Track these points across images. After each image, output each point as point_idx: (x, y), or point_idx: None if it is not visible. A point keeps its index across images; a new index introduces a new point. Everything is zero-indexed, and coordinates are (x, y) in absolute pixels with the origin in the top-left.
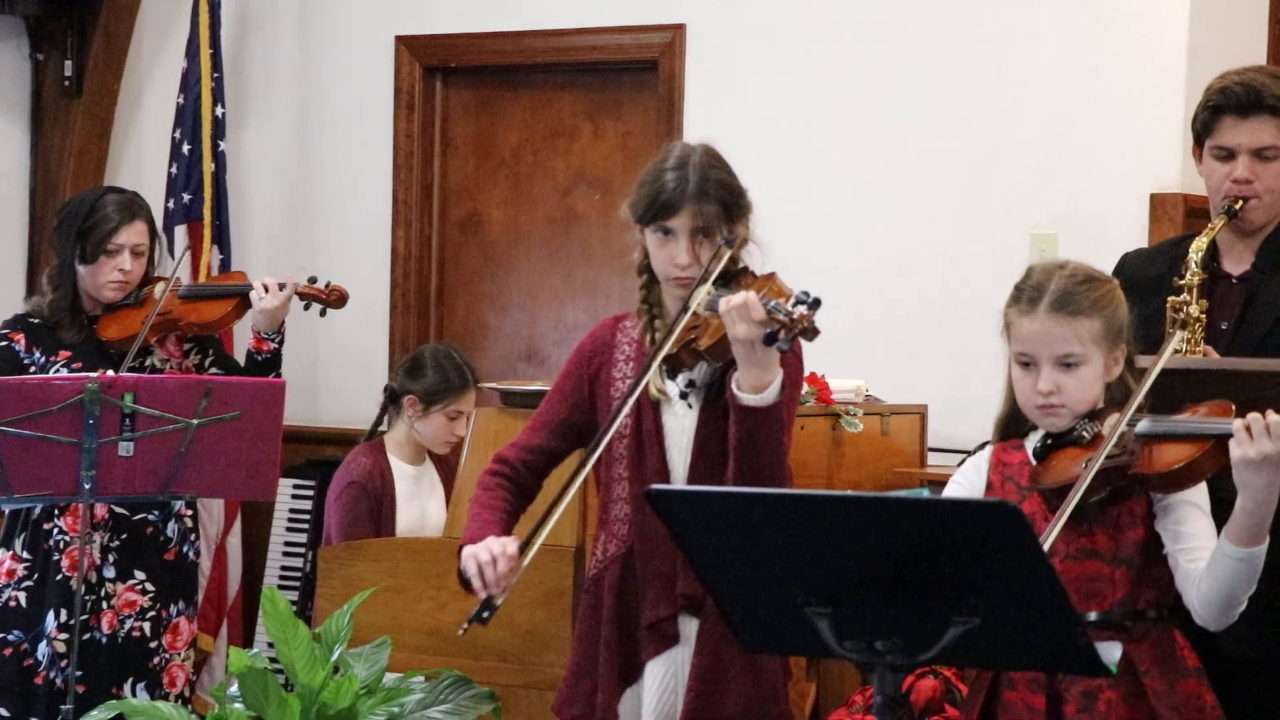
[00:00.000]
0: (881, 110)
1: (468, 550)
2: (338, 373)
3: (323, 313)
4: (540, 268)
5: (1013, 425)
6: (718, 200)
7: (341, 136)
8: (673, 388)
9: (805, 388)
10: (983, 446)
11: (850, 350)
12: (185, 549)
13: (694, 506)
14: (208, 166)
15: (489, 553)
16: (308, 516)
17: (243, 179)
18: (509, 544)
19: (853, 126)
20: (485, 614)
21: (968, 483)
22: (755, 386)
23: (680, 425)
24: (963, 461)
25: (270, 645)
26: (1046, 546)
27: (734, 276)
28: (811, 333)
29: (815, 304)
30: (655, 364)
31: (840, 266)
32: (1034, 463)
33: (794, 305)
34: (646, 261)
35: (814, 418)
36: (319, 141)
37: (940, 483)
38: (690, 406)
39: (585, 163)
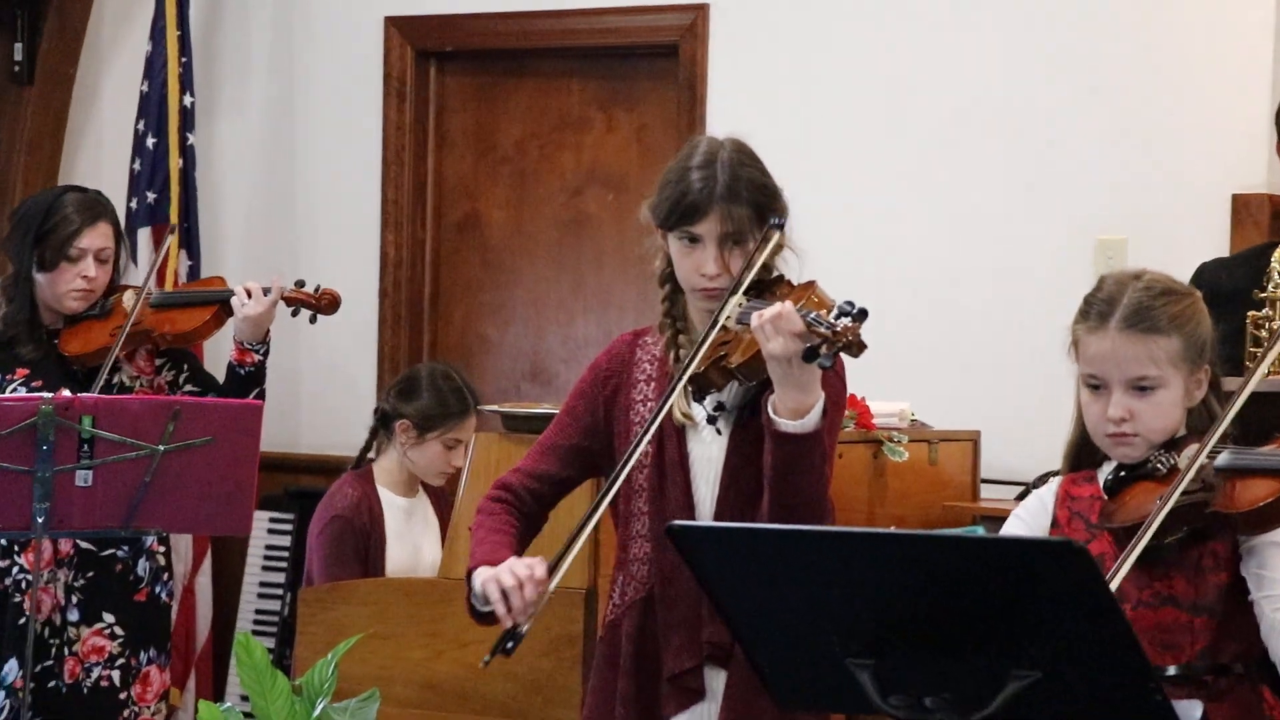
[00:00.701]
0: (931, 101)
1: (485, 574)
2: (320, 393)
3: (313, 319)
4: (547, 276)
5: (1084, 454)
6: (750, 202)
7: (324, 129)
8: (699, 411)
9: (845, 411)
10: (1048, 477)
11: (894, 370)
12: (158, 590)
13: (722, 545)
14: (174, 162)
15: (513, 576)
16: (286, 554)
17: (213, 176)
18: (536, 565)
19: (898, 119)
20: (510, 645)
21: (1030, 519)
22: (794, 410)
23: (708, 453)
24: (1023, 494)
25: (244, 698)
26: (1114, 590)
27: (768, 286)
28: (857, 347)
29: (860, 315)
30: (681, 384)
31: (883, 276)
32: (1105, 497)
33: (836, 317)
34: (669, 270)
35: (854, 445)
36: (299, 135)
37: (995, 518)
38: (719, 432)
39: (597, 159)
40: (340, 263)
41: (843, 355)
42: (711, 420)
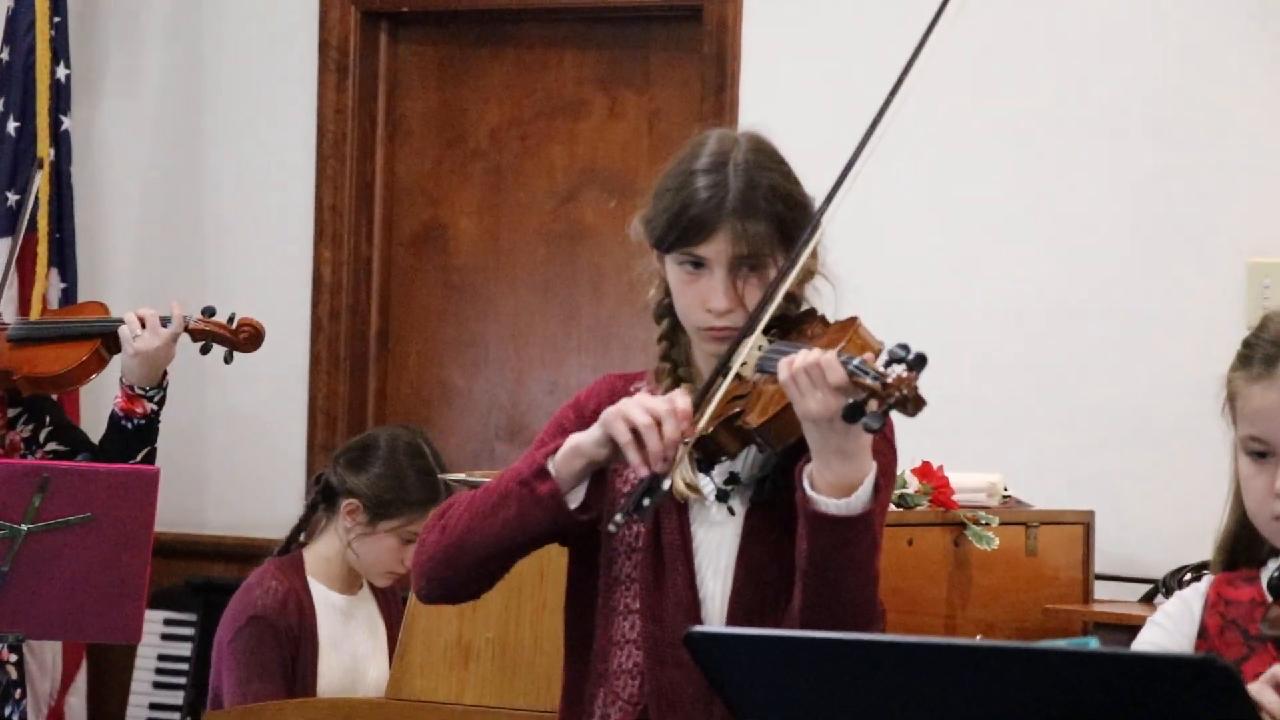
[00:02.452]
0: (1028, 86)
1: (611, 412)
2: (233, 457)
3: (228, 357)
4: (530, 305)
5: (1242, 546)
6: (770, 217)
7: (240, 112)
8: (707, 483)
9: (917, 484)
10: (1188, 573)
11: (981, 432)
12: (8, 712)
13: (753, 657)
14: (44, 153)
15: (645, 411)
16: (185, 666)
17: (96, 173)
18: (678, 398)
19: (987, 109)
20: (647, 501)
21: (1173, 627)
22: (837, 485)
23: (717, 537)
24: (1149, 595)
25: None
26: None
27: (795, 323)
28: (913, 403)
29: (918, 362)
30: (684, 450)
31: (963, 311)
32: (1270, 600)
33: (887, 364)
34: (668, 301)
35: (929, 529)
36: (208, 119)
37: (1113, 626)
38: (731, 511)
39: (596, 154)
40: (261, 287)
41: (896, 414)
42: (722, 496)
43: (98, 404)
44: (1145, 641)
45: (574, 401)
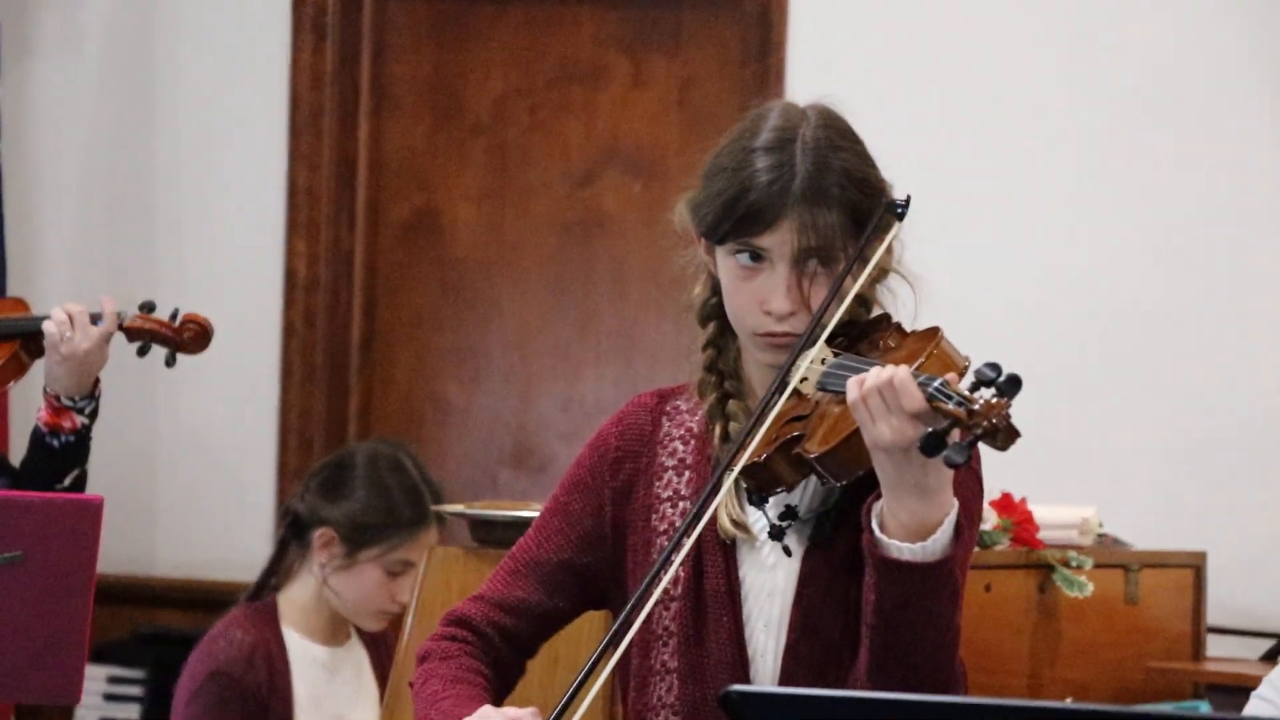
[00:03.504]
0: (1120, 71)
1: None
2: (189, 485)
3: (170, 359)
4: (540, 307)
5: None
6: (843, 204)
7: (201, 78)
8: (758, 519)
9: (996, 519)
10: None
11: (1071, 460)
12: None
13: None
14: None
15: None
16: None
17: (26, 148)
18: (525, 715)
19: (1073, 92)
20: None
21: None
22: (912, 527)
23: (769, 582)
24: (1273, 651)
25: None
26: None
27: (866, 332)
28: (1005, 435)
29: (1011, 385)
30: (730, 479)
31: (1050, 318)
32: None
33: (974, 387)
34: (715, 301)
35: (1010, 572)
36: (160, 87)
37: (1227, 688)
38: (787, 552)
39: (618, 129)
40: (224, 284)
41: (984, 445)
42: (776, 534)
43: (20, 417)
44: (1252, 714)
45: (596, 439)
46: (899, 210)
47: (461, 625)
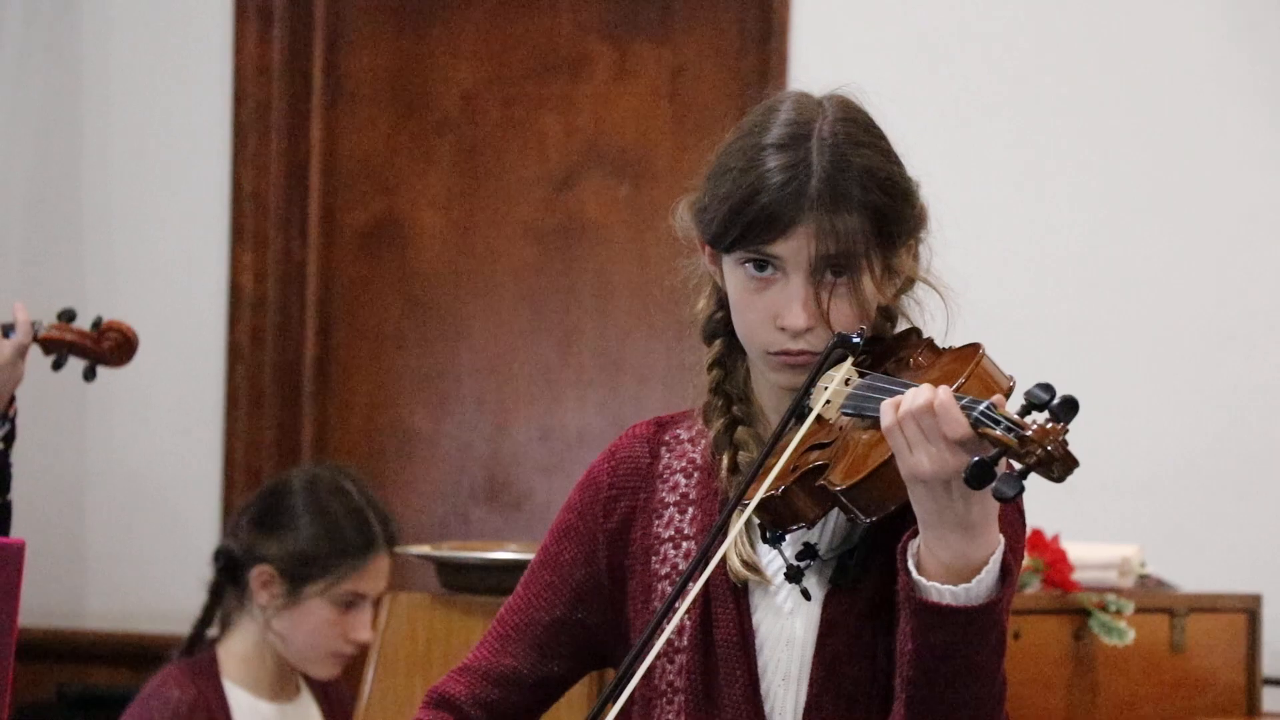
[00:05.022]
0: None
1: None
2: (121, 528)
3: (89, 372)
4: (515, 325)
5: None
6: (865, 207)
7: (134, 70)
8: (772, 559)
9: (1026, 559)
10: None
11: (1110, 491)
12: None
13: None
14: None
15: None
16: None
17: None
18: None
19: (1114, 64)
20: None
21: None
22: (954, 567)
23: (787, 630)
24: None
25: None
26: None
27: (893, 349)
28: (1061, 464)
29: (1068, 408)
30: (744, 515)
31: (1089, 338)
32: None
33: (1024, 411)
34: (721, 316)
35: (1042, 617)
36: (91, 78)
37: None
38: (806, 596)
39: (602, 124)
40: (159, 300)
41: (1035, 476)
42: (794, 576)
43: None
44: None
45: (587, 478)
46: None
47: (444, 707)
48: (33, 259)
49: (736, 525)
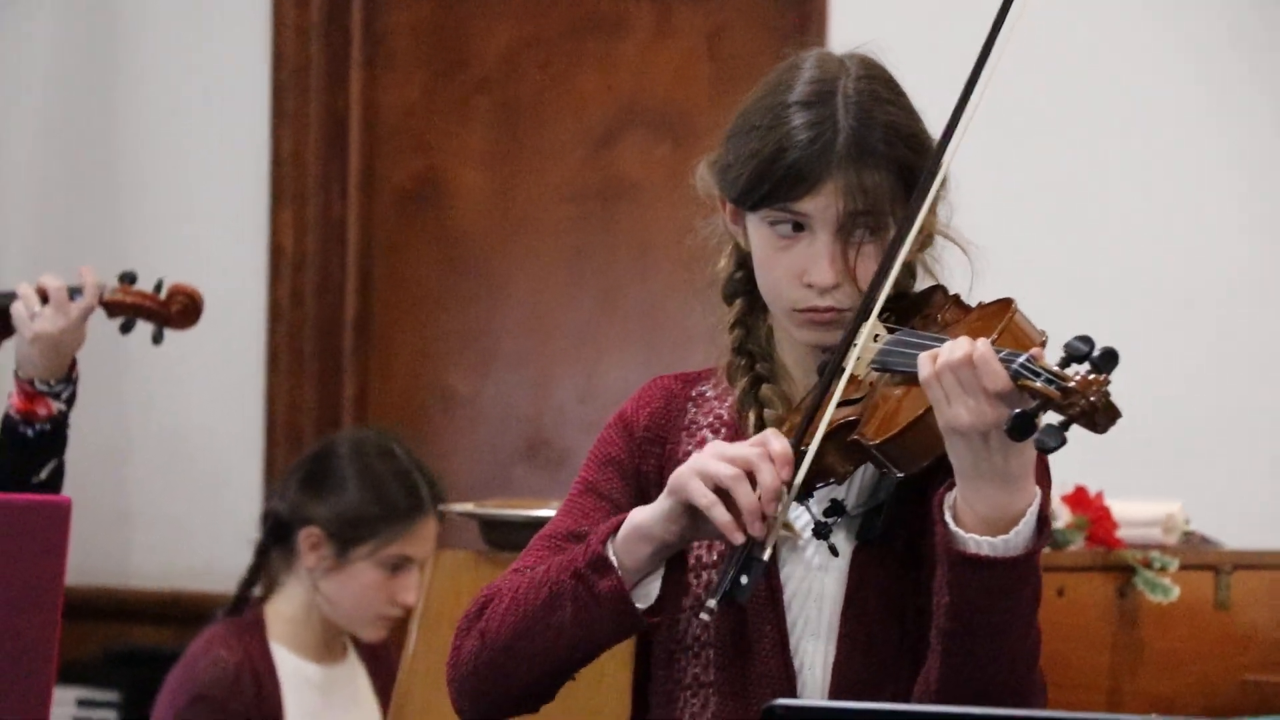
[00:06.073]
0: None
1: (683, 472)
2: (166, 486)
3: (157, 336)
4: (555, 284)
5: None
6: (891, 162)
7: (172, 29)
8: (801, 515)
9: (1069, 516)
10: None
11: (1153, 447)
12: None
13: None
14: None
15: (733, 461)
16: None
17: None
18: (771, 437)
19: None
20: (745, 579)
21: None
22: (991, 519)
23: (816, 586)
24: None
25: None
26: None
27: (918, 305)
28: (1104, 415)
29: (1109, 360)
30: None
31: (1129, 294)
32: None
33: (1065, 362)
34: (742, 275)
35: (1086, 574)
36: (128, 37)
37: None
38: (834, 552)
39: (641, 83)
40: (201, 261)
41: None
42: (822, 531)
43: None
44: None
45: (619, 418)
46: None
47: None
48: (73, 222)
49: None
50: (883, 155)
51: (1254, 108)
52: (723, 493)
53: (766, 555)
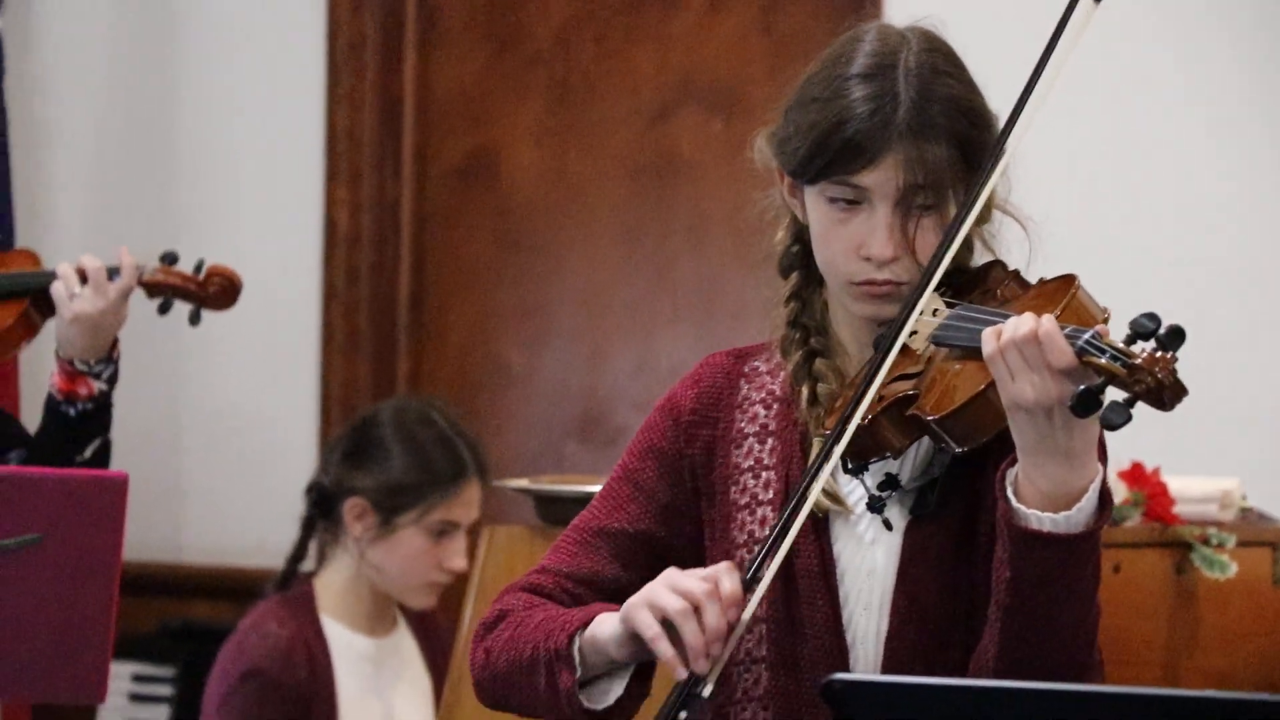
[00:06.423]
0: None
1: (634, 600)
2: (220, 465)
3: (194, 316)
4: (609, 260)
5: None
6: (951, 136)
7: (228, 6)
8: (855, 489)
9: (1126, 492)
10: None
11: (1210, 422)
12: None
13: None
14: None
15: (681, 596)
16: None
17: (32, 85)
18: (723, 575)
19: None
20: (684, 715)
21: None
22: (1053, 495)
23: (869, 560)
24: None
25: None
26: None
27: (977, 280)
28: (1171, 392)
29: (1175, 337)
30: (838, 448)
31: (1186, 266)
32: None
33: (1130, 340)
34: (798, 249)
35: (1142, 550)
36: (185, 16)
37: None
38: (888, 527)
39: (695, 58)
40: (254, 239)
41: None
42: (876, 506)
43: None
44: None
45: (666, 401)
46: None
47: (531, 591)
48: (128, 199)
49: (836, 455)
50: (943, 129)
51: None
52: (670, 625)
53: (708, 692)
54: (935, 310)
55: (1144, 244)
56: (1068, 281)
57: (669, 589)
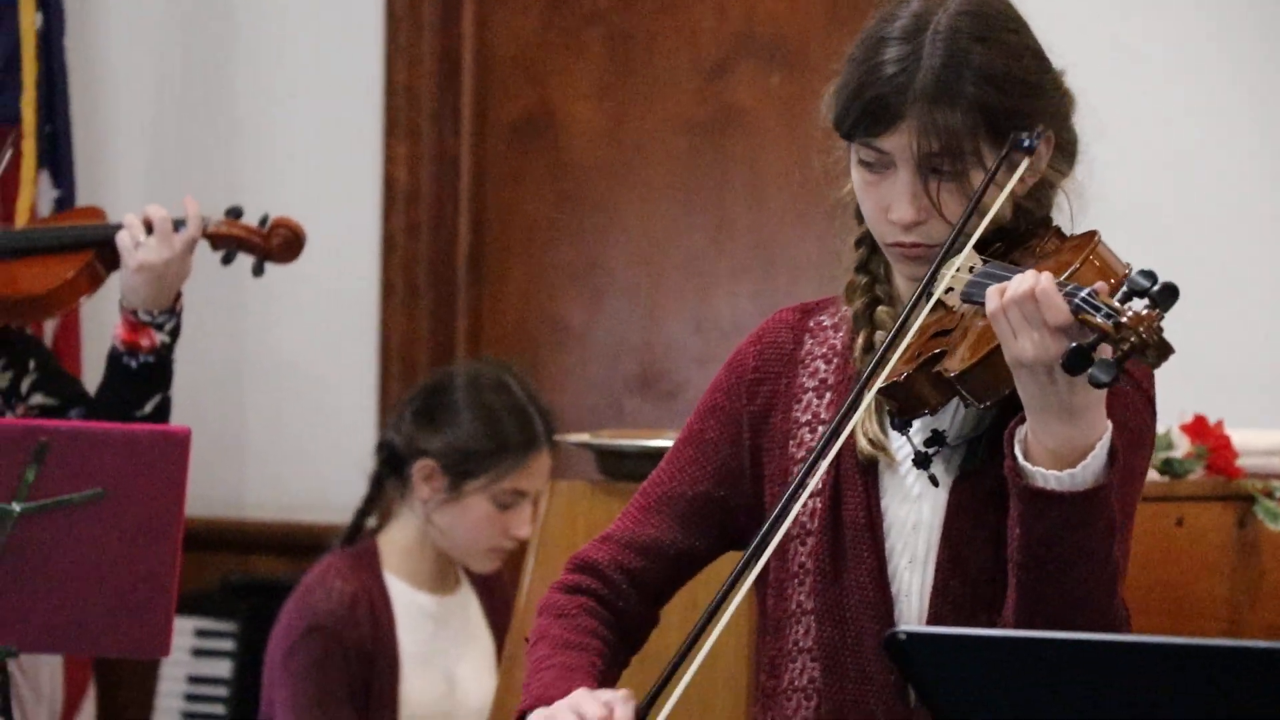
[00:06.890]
0: None
1: (542, 713)
2: (281, 419)
3: (258, 268)
4: (668, 216)
5: None
6: (975, 104)
7: None
8: (901, 444)
9: (1188, 446)
10: None
11: (1270, 377)
12: None
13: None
14: (28, 24)
15: (579, 718)
16: (223, 690)
17: (92, 43)
18: (618, 702)
19: None
20: None
21: None
22: (1060, 453)
23: (914, 514)
24: None
25: None
26: None
27: (1024, 238)
28: (1155, 350)
29: (1165, 295)
30: (870, 395)
31: (1247, 221)
32: None
33: (1124, 297)
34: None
35: (1205, 504)
36: None
37: None
38: (934, 481)
39: (754, 13)
40: (314, 194)
41: (1135, 362)
42: (922, 461)
43: (89, 345)
44: None
45: (733, 357)
46: (1026, 146)
47: (586, 572)
48: (189, 155)
49: (865, 404)
50: (967, 96)
51: None
52: None
53: None
54: (972, 267)
55: (1200, 195)
56: (1089, 237)
57: (570, 710)
